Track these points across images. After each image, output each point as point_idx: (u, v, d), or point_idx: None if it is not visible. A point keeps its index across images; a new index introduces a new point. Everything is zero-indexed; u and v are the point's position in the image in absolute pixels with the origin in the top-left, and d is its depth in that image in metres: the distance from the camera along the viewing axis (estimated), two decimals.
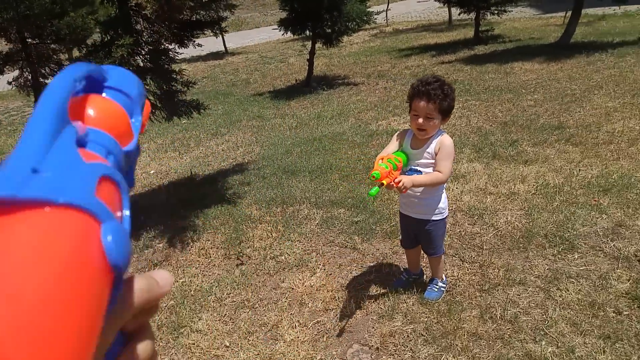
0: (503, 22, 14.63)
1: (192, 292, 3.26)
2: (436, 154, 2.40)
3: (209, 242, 3.91)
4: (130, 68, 3.22)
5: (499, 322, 2.61)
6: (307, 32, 9.34)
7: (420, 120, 2.33)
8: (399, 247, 3.42)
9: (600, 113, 5.58)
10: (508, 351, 2.41)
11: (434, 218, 2.60)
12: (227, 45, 17.03)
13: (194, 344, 2.76)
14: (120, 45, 2.99)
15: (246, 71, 12.87)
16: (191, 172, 5.68)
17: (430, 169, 2.42)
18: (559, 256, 3.09)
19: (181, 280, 3.43)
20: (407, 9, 24.77)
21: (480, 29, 12.07)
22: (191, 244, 3.91)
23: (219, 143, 6.83)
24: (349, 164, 5.11)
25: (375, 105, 7.58)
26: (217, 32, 9.96)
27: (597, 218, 3.43)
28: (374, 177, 2.15)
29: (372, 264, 3.32)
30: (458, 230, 3.55)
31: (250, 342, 2.73)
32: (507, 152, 4.81)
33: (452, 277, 3.03)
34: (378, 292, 3.00)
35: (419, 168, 2.44)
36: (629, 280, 2.77)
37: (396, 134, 2.62)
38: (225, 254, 3.71)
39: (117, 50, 2.98)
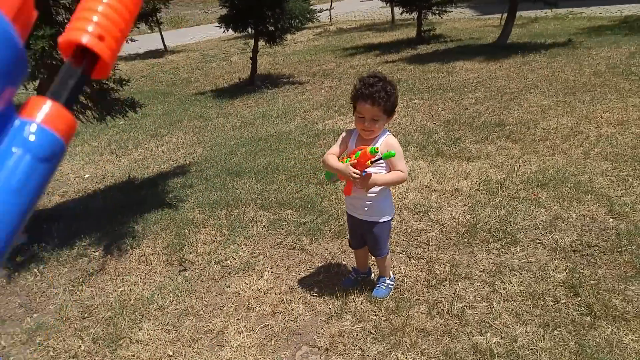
0: (444, 22, 15.01)
1: (131, 302, 3.08)
2: None
3: (150, 248, 3.72)
4: (54, 62, 2.99)
5: (447, 316, 2.61)
6: (250, 30, 9.17)
7: (367, 123, 2.34)
8: (347, 247, 3.39)
9: (537, 111, 5.79)
10: (455, 345, 2.41)
11: (380, 220, 2.58)
12: (166, 43, 16.48)
13: (134, 355, 2.59)
14: (39, 37, 2.76)
15: (187, 70, 12.51)
16: (129, 176, 5.41)
17: (376, 169, 2.39)
18: (502, 250, 3.15)
19: (120, 290, 3.23)
20: (350, 7, 25.01)
21: (422, 28, 12.32)
22: (130, 250, 3.70)
23: (158, 144, 6.56)
24: (296, 164, 5.03)
25: (321, 104, 7.54)
26: (152, 25, 9.58)
27: (537, 212, 3.53)
28: (376, 148, 2.25)
29: (320, 265, 3.26)
30: (404, 228, 3.55)
31: (195, 350, 2.59)
32: (451, 150, 4.89)
33: (399, 274, 3.02)
34: (327, 292, 2.94)
35: (368, 170, 2.37)
36: (565, 270, 2.86)
37: (342, 134, 2.59)
38: (167, 260, 3.54)
39: (36, 43, 2.75)
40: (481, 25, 14.26)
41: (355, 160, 2.32)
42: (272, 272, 3.24)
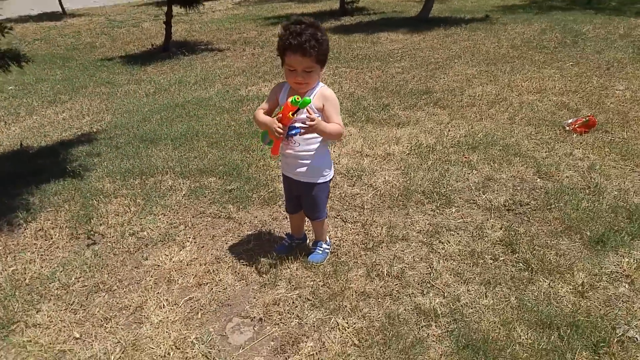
0: None
1: (26, 281, 2.65)
2: (320, 110, 2.18)
3: (49, 221, 3.25)
4: None
5: (386, 279, 2.48)
6: None
7: (300, 77, 2.11)
8: (279, 213, 3.16)
9: (462, 79, 5.85)
10: (398, 307, 2.29)
11: (318, 181, 2.38)
12: (64, 6, 14.99)
13: (31, 340, 2.20)
14: None
15: (90, 35, 11.45)
16: (21, 144, 4.77)
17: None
18: (438, 211, 3.08)
19: (11, 269, 2.77)
20: None
21: (345, 0, 12.19)
22: (24, 225, 3.22)
23: (58, 111, 5.88)
24: (217, 130, 4.68)
25: (244, 70, 7.15)
26: None
27: (469, 173, 3.51)
28: (297, 98, 2.01)
29: (250, 233, 3.00)
30: (338, 192, 3.38)
31: (107, 330, 2.26)
32: (380, 116, 4.78)
33: (335, 239, 2.85)
34: (258, 261, 2.70)
35: (298, 125, 2.14)
36: (501, 229, 2.84)
37: (272, 89, 2.34)
38: (72, 234, 3.11)
39: None
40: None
41: (280, 115, 2.09)
42: (195, 243, 2.94)
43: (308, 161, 2.30)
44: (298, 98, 2.01)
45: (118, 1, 17.86)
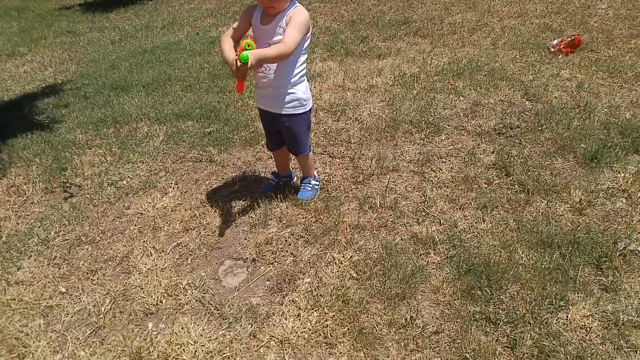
0: None
1: (3, 239, 2.52)
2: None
3: (21, 177, 3.08)
4: None
5: (380, 210, 2.42)
6: None
7: (266, 0, 1.96)
8: (263, 153, 3.04)
9: (440, 8, 5.64)
10: (394, 237, 2.23)
11: (295, 112, 2.21)
12: None
13: (14, 299, 2.10)
14: None
15: None
16: None
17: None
18: (427, 139, 2.99)
19: None
20: None
21: None
22: None
23: (18, 64, 5.53)
24: (190, 74, 4.45)
25: (212, 12, 6.78)
26: None
27: (456, 100, 3.40)
28: (248, 45, 1.88)
29: (234, 175, 2.87)
30: (322, 128, 3.25)
31: (95, 282, 2.17)
32: (359, 49, 4.58)
33: (324, 175, 2.75)
34: (246, 202, 2.60)
35: (269, 42, 2.02)
36: (493, 153, 2.78)
37: (244, 10, 2.15)
38: (47, 188, 2.95)
39: None
40: None
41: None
42: (178, 188, 2.81)
43: (283, 91, 2.14)
44: (249, 45, 1.84)
45: None
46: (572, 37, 3.95)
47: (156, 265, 2.22)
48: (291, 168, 2.77)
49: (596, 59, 3.83)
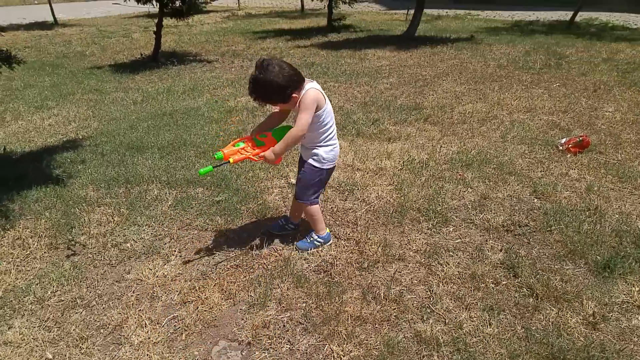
0: (352, 14, 15.08)
1: (0, 294, 2.48)
2: None
3: (28, 230, 3.09)
4: None
5: (384, 302, 2.36)
6: (154, 3, 8.39)
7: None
8: (268, 229, 3.03)
9: (451, 96, 5.82)
10: (397, 334, 2.16)
11: (309, 161, 2.58)
12: (56, 16, 14.84)
13: None
14: None
15: (81, 44, 11.28)
16: (4, 149, 4.59)
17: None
18: (434, 230, 2.98)
19: None
20: None
21: (332, 17, 12.23)
22: (1, 233, 3.05)
23: (44, 117, 5.70)
24: (205, 140, 4.55)
25: (232, 82, 7.05)
26: None
27: (464, 192, 3.42)
28: (214, 157, 2.37)
29: (238, 248, 2.86)
30: (330, 207, 3.27)
31: (83, 351, 2.10)
32: (370, 130, 4.70)
33: (329, 256, 2.73)
34: (247, 278, 2.56)
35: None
36: (501, 251, 2.73)
37: None
38: (51, 244, 2.94)
39: None
40: (388, 19, 14.51)
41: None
42: (180, 256, 2.79)
43: (311, 146, 2.56)
44: (214, 158, 2.39)
45: (109, 13, 17.73)
46: (581, 138, 4.03)
47: (149, 338, 2.16)
48: (300, 221, 3.00)
49: (605, 161, 3.87)
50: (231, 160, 2.32)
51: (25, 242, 2.96)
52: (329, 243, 2.83)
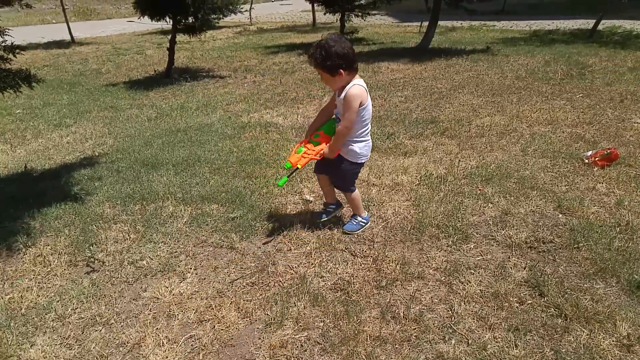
0: (365, 27, 15.12)
1: (22, 311, 2.48)
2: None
3: (49, 247, 3.09)
4: None
5: (403, 322, 2.30)
6: (167, 20, 8.48)
7: (323, 80, 2.68)
8: (284, 244, 3.02)
9: (468, 109, 5.75)
10: (418, 355, 2.09)
11: (347, 157, 2.83)
12: (73, 34, 15.13)
13: None
14: None
15: (97, 61, 11.44)
16: (25, 167, 4.64)
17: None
18: (455, 247, 2.91)
19: (7, 297, 2.61)
20: (270, 10, 24.77)
21: (344, 30, 12.25)
22: (23, 250, 3.06)
23: (63, 135, 5.75)
24: (220, 156, 4.54)
25: (245, 97, 7.07)
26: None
27: (485, 207, 3.35)
28: (284, 168, 2.73)
29: (253, 265, 2.82)
30: None
31: None
32: (385, 145, 4.66)
33: (345, 274, 2.67)
34: (263, 296, 2.52)
35: (338, 115, 2.75)
36: (525, 268, 2.65)
37: None
38: (71, 261, 2.94)
39: None
40: (401, 31, 14.50)
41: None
42: (196, 274, 2.77)
43: (347, 142, 2.78)
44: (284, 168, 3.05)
45: (124, 31, 18.04)
46: (609, 151, 3.92)
47: (166, 357, 2.13)
48: (337, 205, 3.25)
49: (635, 175, 3.76)
50: (299, 165, 2.67)
51: (46, 259, 2.96)
52: (368, 224, 3.16)
